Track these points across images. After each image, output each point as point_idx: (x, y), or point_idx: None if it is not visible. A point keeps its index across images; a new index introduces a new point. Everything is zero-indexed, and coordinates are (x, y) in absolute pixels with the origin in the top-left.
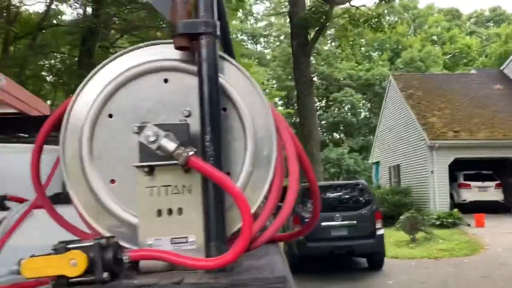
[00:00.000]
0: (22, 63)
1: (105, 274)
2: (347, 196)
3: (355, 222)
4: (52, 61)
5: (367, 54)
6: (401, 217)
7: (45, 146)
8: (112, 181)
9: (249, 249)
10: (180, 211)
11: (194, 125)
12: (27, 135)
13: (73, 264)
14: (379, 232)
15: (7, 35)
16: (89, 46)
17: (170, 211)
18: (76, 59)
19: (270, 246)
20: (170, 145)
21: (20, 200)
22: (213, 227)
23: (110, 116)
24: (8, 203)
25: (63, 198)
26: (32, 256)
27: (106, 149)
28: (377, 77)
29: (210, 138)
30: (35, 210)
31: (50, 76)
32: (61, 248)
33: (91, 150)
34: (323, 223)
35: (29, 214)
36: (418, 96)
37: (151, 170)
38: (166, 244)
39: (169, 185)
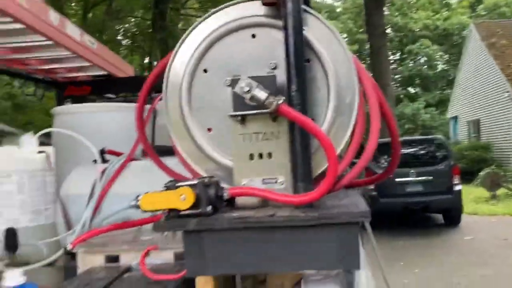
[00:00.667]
0: (101, 28)
1: (209, 208)
2: (422, 152)
3: (431, 177)
4: (127, 25)
5: (444, 2)
6: (480, 173)
7: (129, 104)
8: (209, 129)
9: (333, 190)
10: (269, 155)
11: (280, 76)
12: (115, 95)
13: (183, 199)
14: (457, 188)
15: (86, 2)
16: (161, 8)
17: (260, 155)
18: (150, 22)
19: (349, 191)
20: (262, 94)
21: (116, 153)
22: (300, 168)
23: (205, 71)
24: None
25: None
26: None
27: (202, 101)
28: (456, 27)
29: (296, 88)
30: (132, 162)
31: (126, 40)
32: (172, 186)
33: (189, 102)
34: (398, 179)
35: (127, 165)
36: (502, 45)
37: (243, 119)
38: (258, 184)
39: (259, 132)
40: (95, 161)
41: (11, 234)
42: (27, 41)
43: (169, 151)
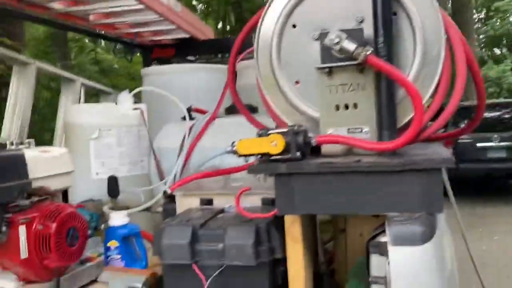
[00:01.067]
0: None
1: (298, 154)
2: (507, 116)
3: None
4: None
5: None
6: None
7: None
8: (297, 82)
9: (417, 139)
10: (355, 105)
11: (367, 30)
12: (195, 57)
13: (274, 145)
14: None
15: None
16: None
17: (346, 106)
18: None
19: (431, 143)
20: (351, 45)
21: (201, 111)
22: (385, 117)
23: (294, 26)
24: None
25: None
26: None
27: (291, 55)
28: None
29: (383, 40)
30: (216, 119)
31: (200, 5)
32: (264, 133)
33: (279, 56)
34: (479, 144)
35: (211, 122)
36: None
37: (330, 71)
38: (343, 134)
39: (346, 84)
40: (183, 118)
41: (113, 181)
42: (120, 5)
43: (251, 109)
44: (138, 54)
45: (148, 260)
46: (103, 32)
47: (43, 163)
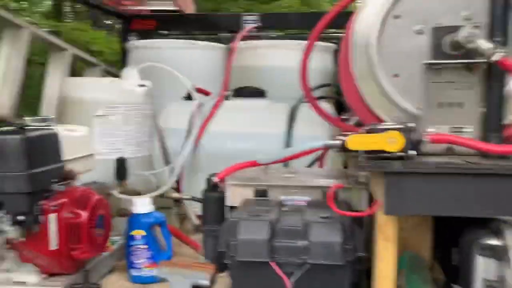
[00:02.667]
0: None
1: (413, 152)
2: None
3: None
4: None
5: None
6: None
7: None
8: (396, 75)
9: None
10: (459, 105)
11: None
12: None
13: (392, 142)
14: None
15: None
16: None
17: (450, 104)
18: None
19: None
20: (486, 44)
21: (204, 92)
22: (494, 119)
23: (397, 17)
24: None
25: None
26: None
27: (391, 47)
28: None
29: (499, 39)
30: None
31: None
32: (378, 129)
33: (379, 48)
34: None
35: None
36: None
37: (438, 68)
38: (444, 132)
39: (453, 82)
40: (186, 98)
41: (121, 163)
42: None
43: (259, 93)
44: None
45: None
46: None
47: (72, 144)
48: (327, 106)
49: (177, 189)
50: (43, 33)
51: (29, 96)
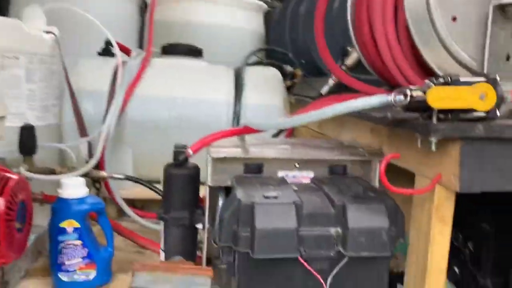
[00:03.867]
0: None
1: (497, 112)
2: None
3: None
4: None
5: None
6: None
7: None
8: (454, 19)
9: None
10: None
11: None
12: None
13: (482, 98)
14: None
15: None
16: None
17: None
18: None
19: None
20: None
21: (124, 48)
22: None
23: None
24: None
25: None
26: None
27: None
28: None
29: None
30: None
31: None
32: (463, 82)
33: None
34: None
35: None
36: None
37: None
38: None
39: None
40: (102, 53)
41: (28, 133)
42: None
43: (195, 52)
44: None
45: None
46: None
47: None
48: (275, 73)
49: (98, 166)
50: None
51: None
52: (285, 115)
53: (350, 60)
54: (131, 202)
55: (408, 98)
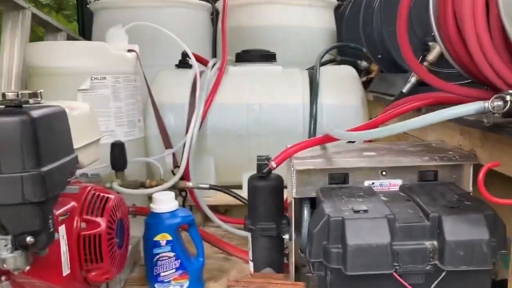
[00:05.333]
0: None
1: None
2: None
3: None
4: None
5: None
6: None
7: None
8: None
9: None
10: None
11: None
12: None
13: None
14: None
15: None
16: None
17: None
18: None
19: None
20: None
21: (200, 59)
22: None
23: None
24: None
25: None
26: None
27: None
28: None
29: None
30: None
31: None
32: None
33: None
34: None
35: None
36: None
37: None
38: None
39: None
40: (179, 65)
41: (119, 149)
42: None
43: (268, 57)
44: None
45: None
46: None
47: (76, 127)
48: (350, 70)
49: (184, 176)
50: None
51: None
52: (364, 115)
53: (432, 55)
54: (215, 208)
55: (508, 104)
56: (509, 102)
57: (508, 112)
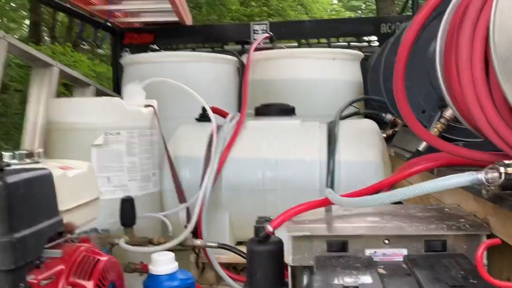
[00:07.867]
0: None
1: None
2: None
3: None
4: None
5: None
6: None
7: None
8: None
9: None
10: None
11: None
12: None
13: None
14: None
15: None
16: None
17: None
18: None
19: None
20: None
21: (221, 112)
22: None
23: None
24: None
25: None
26: None
27: None
28: None
29: None
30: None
31: None
32: None
33: None
34: None
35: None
36: None
37: None
38: None
39: None
40: (199, 119)
41: (128, 205)
42: None
43: (287, 111)
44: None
45: None
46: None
47: (70, 187)
48: (371, 124)
49: (196, 233)
50: (21, 44)
51: (6, 125)
52: (385, 171)
53: (449, 112)
54: (232, 266)
55: (503, 177)
56: (503, 174)
57: (506, 185)
